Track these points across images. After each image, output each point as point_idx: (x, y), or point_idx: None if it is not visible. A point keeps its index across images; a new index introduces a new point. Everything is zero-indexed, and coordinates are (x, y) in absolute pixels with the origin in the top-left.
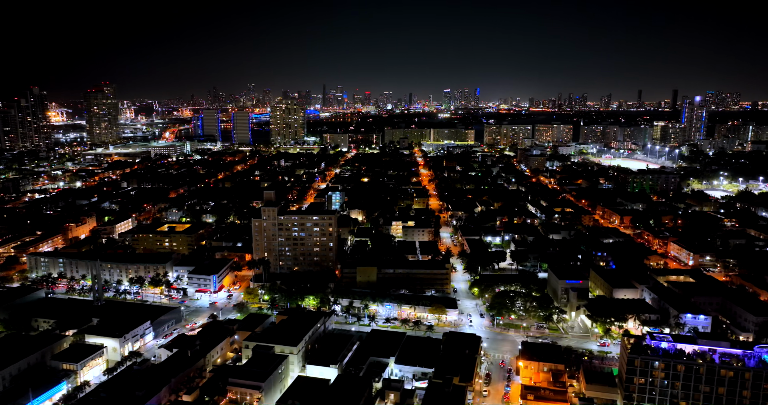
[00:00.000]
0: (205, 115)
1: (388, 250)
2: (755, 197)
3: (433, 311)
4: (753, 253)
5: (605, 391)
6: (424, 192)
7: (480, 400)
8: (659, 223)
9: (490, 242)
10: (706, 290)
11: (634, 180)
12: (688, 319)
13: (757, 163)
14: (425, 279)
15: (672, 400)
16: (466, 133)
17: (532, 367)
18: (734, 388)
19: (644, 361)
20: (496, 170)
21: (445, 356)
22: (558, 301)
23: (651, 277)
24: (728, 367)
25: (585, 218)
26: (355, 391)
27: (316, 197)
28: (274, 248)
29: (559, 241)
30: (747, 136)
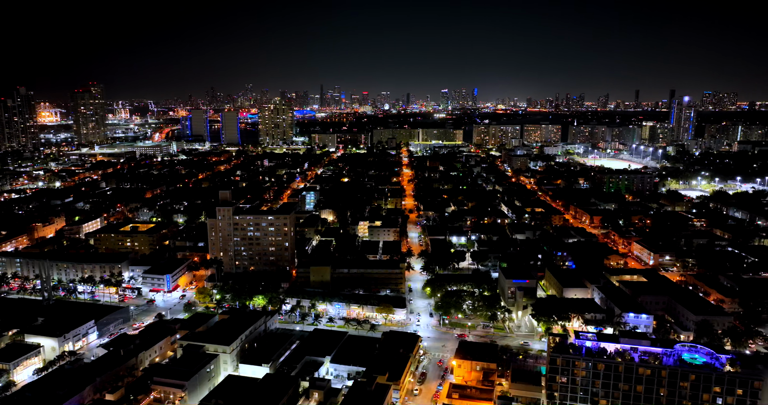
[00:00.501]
0: (194, 115)
1: (350, 249)
2: (729, 197)
3: (380, 311)
4: (713, 253)
5: (529, 390)
6: (399, 192)
7: (410, 398)
8: (629, 223)
9: (455, 242)
10: (653, 290)
11: (610, 180)
12: (631, 319)
13: (741, 163)
14: (380, 278)
15: (593, 398)
16: (454, 134)
17: (466, 366)
18: (651, 386)
19: (565, 360)
20: (477, 170)
21: (379, 355)
22: (506, 301)
23: (604, 277)
24: (646, 365)
25: (555, 218)
26: (279, 390)
27: (290, 197)
28: (230, 248)
29: (522, 241)
30: (736, 136)
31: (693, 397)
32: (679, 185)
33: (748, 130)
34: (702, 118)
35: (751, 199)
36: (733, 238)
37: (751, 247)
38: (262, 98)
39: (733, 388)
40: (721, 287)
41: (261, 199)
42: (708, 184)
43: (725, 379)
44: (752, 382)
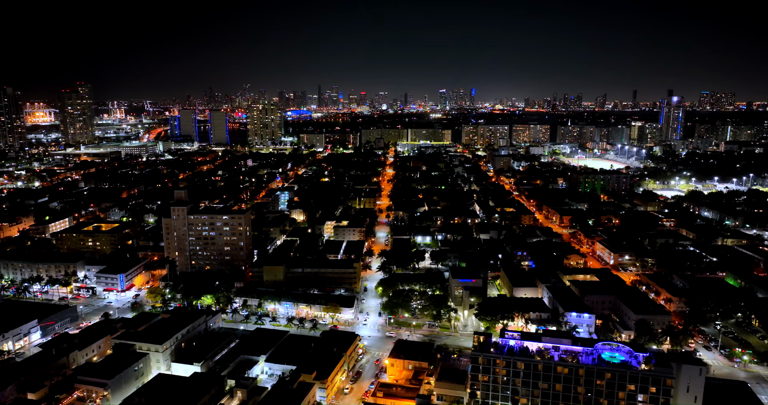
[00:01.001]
0: (182, 115)
1: (312, 249)
2: (703, 197)
3: (326, 310)
4: (674, 253)
5: (453, 389)
6: (374, 192)
7: (339, 397)
8: (598, 223)
9: (420, 242)
10: (601, 289)
11: (585, 180)
12: (573, 318)
13: (724, 164)
14: (334, 278)
15: (514, 396)
16: (443, 134)
17: (398, 365)
18: (570, 385)
19: (486, 359)
20: (459, 170)
21: (313, 354)
22: (453, 300)
23: (556, 276)
24: (564, 364)
25: (525, 218)
26: (203, 388)
27: (265, 197)
28: (185, 247)
29: (486, 241)
30: (726, 137)
31: (609, 395)
32: (656, 185)
33: (738, 130)
34: (699, 119)
35: (724, 199)
36: (697, 238)
37: (713, 247)
38: (259, 98)
39: (647, 386)
40: (671, 287)
41: (237, 199)
42: (686, 185)
43: (639, 377)
44: (664, 380)
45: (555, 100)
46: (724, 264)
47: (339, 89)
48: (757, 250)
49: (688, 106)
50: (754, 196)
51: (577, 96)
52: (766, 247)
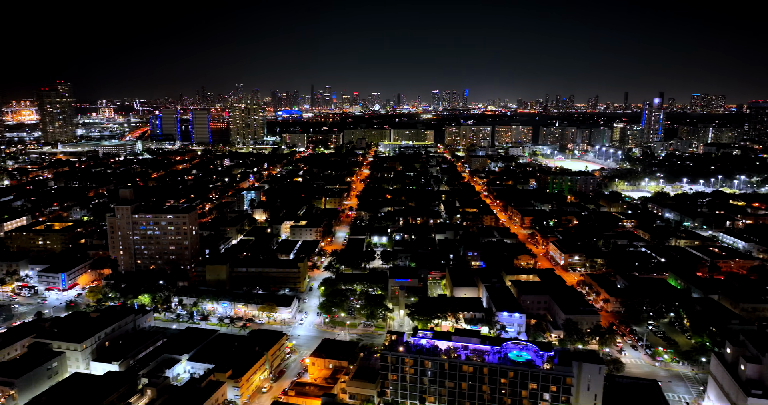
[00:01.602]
0: (164, 114)
1: (264, 249)
2: (668, 198)
3: (262, 309)
4: (624, 253)
5: (364, 387)
6: (340, 192)
7: (256, 396)
8: (560, 224)
9: (377, 242)
10: (538, 289)
11: (554, 181)
12: (504, 318)
13: (700, 165)
14: (278, 277)
15: (421, 395)
16: (426, 134)
17: (319, 364)
18: (474, 383)
19: (395, 357)
20: (434, 171)
21: (235, 353)
22: (390, 300)
23: (498, 276)
24: (469, 362)
25: (487, 218)
26: (113, 387)
27: (232, 196)
28: (130, 246)
29: (441, 241)
30: (707, 139)
31: (513, 393)
32: (626, 187)
33: (719, 132)
34: (688, 121)
35: (688, 201)
36: (651, 238)
37: (665, 248)
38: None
39: (548, 385)
40: (610, 287)
41: (205, 199)
42: (655, 186)
43: (540, 375)
44: (564, 379)
45: (547, 101)
46: (668, 264)
47: (332, 89)
48: (706, 251)
49: (679, 109)
50: (718, 198)
51: (570, 97)
52: (715, 248)
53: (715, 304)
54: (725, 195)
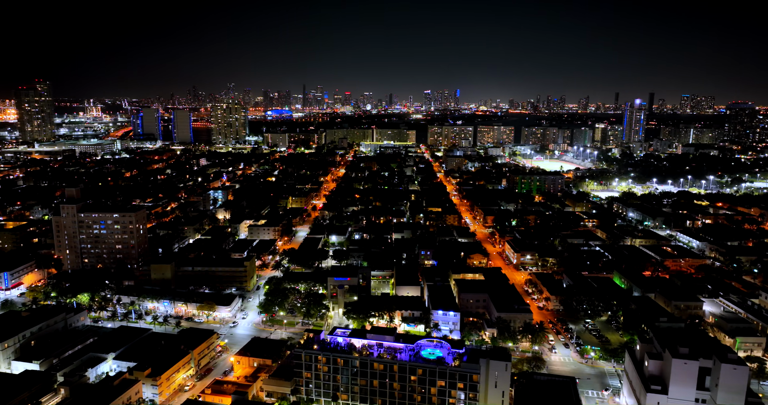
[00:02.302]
0: (145, 113)
1: (217, 248)
2: (635, 198)
3: (201, 308)
4: (577, 253)
5: (280, 385)
6: (307, 191)
7: (178, 394)
8: (522, 223)
9: (335, 241)
10: (478, 288)
11: (522, 181)
12: (439, 316)
13: (675, 165)
14: (224, 276)
15: (335, 392)
16: (408, 134)
17: (244, 363)
18: (385, 381)
19: (308, 355)
20: (409, 171)
21: (160, 352)
22: (329, 299)
23: (441, 275)
24: (380, 360)
25: (450, 218)
26: (25, 386)
27: (197, 196)
28: (76, 245)
29: (397, 240)
30: (688, 139)
31: (422, 390)
32: (596, 186)
33: (700, 133)
34: (676, 121)
35: (654, 201)
36: (607, 238)
37: (620, 247)
38: (244, 97)
39: (455, 382)
40: (553, 286)
41: (173, 198)
42: (625, 186)
43: (447, 373)
44: (471, 376)
45: (538, 101)
46: (616, 263)
47: (323, 89)
48: (658, 250)
49: (669, 109)
50: (683, 198)
51: (561, 98)
52: (668, 248)
53: (650, 303)
54: (690, 195)
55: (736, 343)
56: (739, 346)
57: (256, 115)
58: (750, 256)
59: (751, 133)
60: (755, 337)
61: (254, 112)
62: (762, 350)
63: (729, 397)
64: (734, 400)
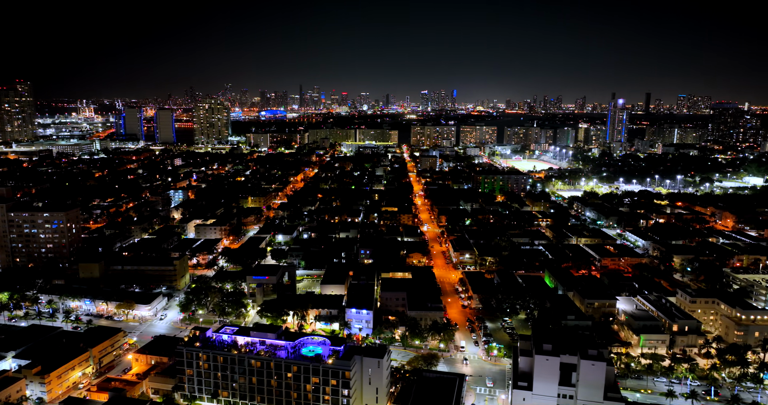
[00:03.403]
0: (127, 114)
1: (157, 247)
2: (596, 197)
3: (120, 307)
4: (518, 252)
5: (165, 382)
6: (269, 191)
7: (71, 391)
8: (477, 222)
9: (281, 240)
10: (399, 286)
11: (485, 181)
12: (352, 314)
13: (653, 165)
14: (155, 275)
15: (215, 389)
16: (390, 134)
17: (142, 360)
18: (263, 378)
19: (189, 353)
20: (380, 170)
21: (60, 350)
22: (248, 297)
23: (368, 273)
24: (258, 357)
25: (404, 217)
26: None
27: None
28: (6, 244)
29: (339, 240)
30: (672, 139)
31: (298, 387)
32: (561, 186)
33: (684, 132)
34: (672, 122)
35: (615, 200)
36: (553, 237)
37: (563, 246)
38: (241, 98)
39: (328, 379)
40: (478, 284)
41: (135, 198)
42: (592, 185)
43: (320, 370)
44: (343, 373)
45: (534, 101)
46: (549, 262)
47: (320, 89)
48: (601, 249)
49: (666, 109)
50: (644, 197)
51: (558, 98)
52: (611, 247)
53: (567, 301)
54: (651, 194)
55: (641, 340)
56: (644, 343)
57: (249, 116)
58: (687, 255)
59: (735, 133)
60: (659, 335)
61: (248, 112)
62: (666, 347)
63: (589, 392)
64: (593, 396)
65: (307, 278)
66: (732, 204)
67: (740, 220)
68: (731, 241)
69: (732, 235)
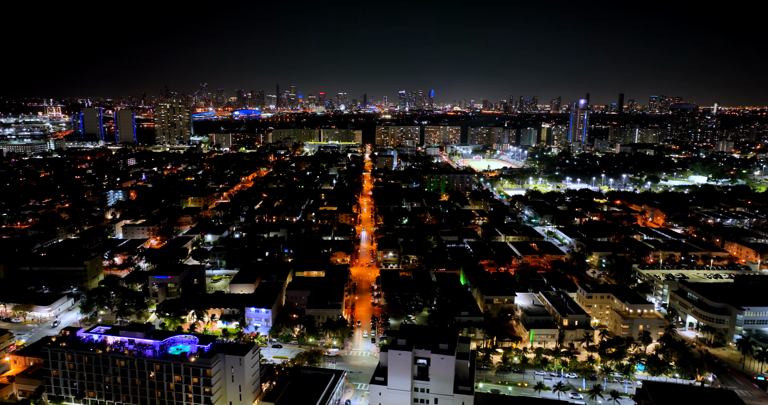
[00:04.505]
0: (86, 113)
1: (78, 248)
2: (539, 196)
3: (16, 309)
4: (442, 250)
5: (31, 383)
6: (208, 191)
7: None
8: (414, 221)
9: (210, 240)
10: (305, 285)
11: (431, 180)
12: (252, 313)
13: (606, 164)
14: (64, 276)
15: (82, 390)
16: (354, 134)
17: (20, 361)
18: (127, 377)
19: (55, 353)
20: (334, 170)
21: None
22: (151, 297)
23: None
24: (121, 356)
25: (342, 216)
26: None
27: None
28: None
29: (267, 239)
30: (634, 139)
31: (160, 385)
32: (507, 185)
33: (645, 132)
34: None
35: (557, 199)
36: (482, 235)
37: (489, 244)
38: (217, 97)
39: (189, 377)
40: (389, 283)
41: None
42: (538, 184)
43: (181, 368)
44: (204, 370)
45: (511, 102)
46: (463, 260)
47: (298, 89)
48: (525, 247)
49: (639, 110)
50: (584, 196)
51: (533, 98)
52: (535, 244)
53: (469, 298)
54: (592, 193)
55: (530, 335)
56: (534, 337)
57: (223, 115)
58: (606, 252)
59: (693, 133)
60: (549, 329)
61: (222, 112)
62: (555, 341)
63: (440, 385)
64: (444, 389)
65: (225, 278)
66: (668, 202)
67: (669, 217)
68: (653, 238)
69: (658, 232)
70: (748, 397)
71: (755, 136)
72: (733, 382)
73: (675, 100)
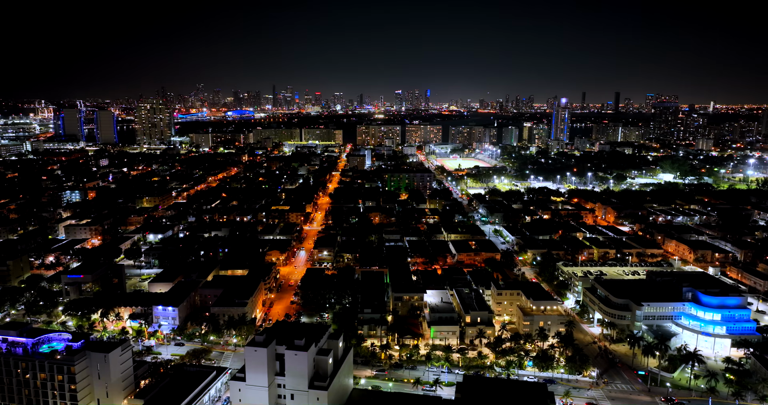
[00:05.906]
0: (67, 114)
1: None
2: (499, 194)
3: None
4: (379, 249)
5: None
6: (167, 191)
7: None
8: (365, 220)
9: (152, 239)
10: (219, 284)
11: (391, 179)
12: (159, 311)
13: (581, 162)
14: None
15: None
16: (335, 134)
17: None
18: None
19: None
20: (303, 170)
21: None
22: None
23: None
24: None
25: (293, 216)
26: None
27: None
28: None
29: (209, 238)
30: (616, 137)
31: (27, 383)
32: (472, 184)
33: (628, 131)
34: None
35: (514, 197)
36: (426, 232)
37: (430, 242)
38: (213, 98)
39: (54, 374)
40: (313, 281)
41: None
42: (500, 183)
43: (46, 366)
44: (68, 368)
45: (507, 101)
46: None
47: (294, 89)
48: (464, 245)
49: (636, 108)
50: (542, 194)
51: (529, 97)
52: (473, 243)
53: (381, 296)
54: (551, 191)
55: (431, 332)
56: (434, 334)
57: (216, 116)
58: (542, 250)
59: (675, 131)
60: (449, 326)
61: (216, 112)
62: (456, 338)
63: (295, 381)
64: (299, 385)
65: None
66: (624, 200)
67: (620, 215)
68: (594, 236)
69: (602, 229)
70: (629, 391)
71: (738, 134)
72: (620, 377)
73: (668, 99)
